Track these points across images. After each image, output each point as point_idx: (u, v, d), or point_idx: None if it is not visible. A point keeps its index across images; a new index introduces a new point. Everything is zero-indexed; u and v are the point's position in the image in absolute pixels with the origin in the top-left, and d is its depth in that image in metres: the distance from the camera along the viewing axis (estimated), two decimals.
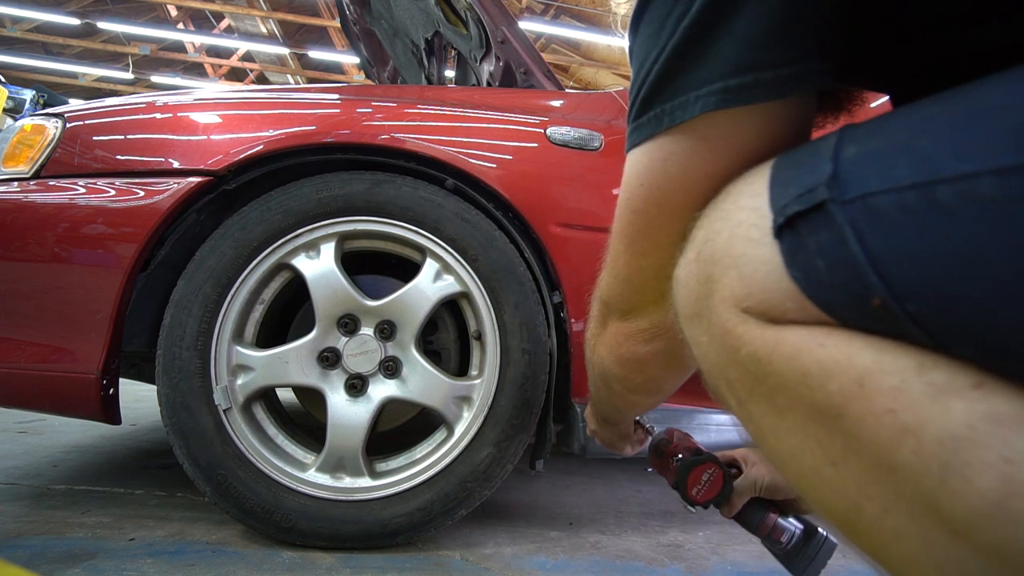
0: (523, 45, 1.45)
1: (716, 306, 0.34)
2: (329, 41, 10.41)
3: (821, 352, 0.30)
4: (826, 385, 0.29)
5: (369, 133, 1.07)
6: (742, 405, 0.35)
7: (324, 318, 1.04)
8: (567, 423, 1.11)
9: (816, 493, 0.32)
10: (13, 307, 0.99)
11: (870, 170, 0.28)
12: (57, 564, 0.90)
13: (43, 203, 1.01)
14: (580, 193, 1.11)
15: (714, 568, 1.06)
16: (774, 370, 0.31)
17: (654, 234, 0.43)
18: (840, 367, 0.29)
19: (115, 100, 1.15)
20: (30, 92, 6.93)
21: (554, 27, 9.16)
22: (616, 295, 0.50)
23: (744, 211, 0.34)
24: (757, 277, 0.32)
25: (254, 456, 1.01)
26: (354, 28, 2.24)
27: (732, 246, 0.33)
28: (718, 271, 0.34)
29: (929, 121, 0.27)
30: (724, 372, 0.35)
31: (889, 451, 0.27)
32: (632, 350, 0.51)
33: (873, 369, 0.28)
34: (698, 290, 0.36)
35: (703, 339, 0.36)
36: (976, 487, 0.24)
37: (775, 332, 0.31)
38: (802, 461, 0.31)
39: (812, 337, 0.30)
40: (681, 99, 0.37)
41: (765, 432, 0.33)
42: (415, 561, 1.00)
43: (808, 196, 0.30)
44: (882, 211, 0.27)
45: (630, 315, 0.50)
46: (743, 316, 0.32)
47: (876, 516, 0.28)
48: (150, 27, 9.84)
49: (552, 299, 1.10)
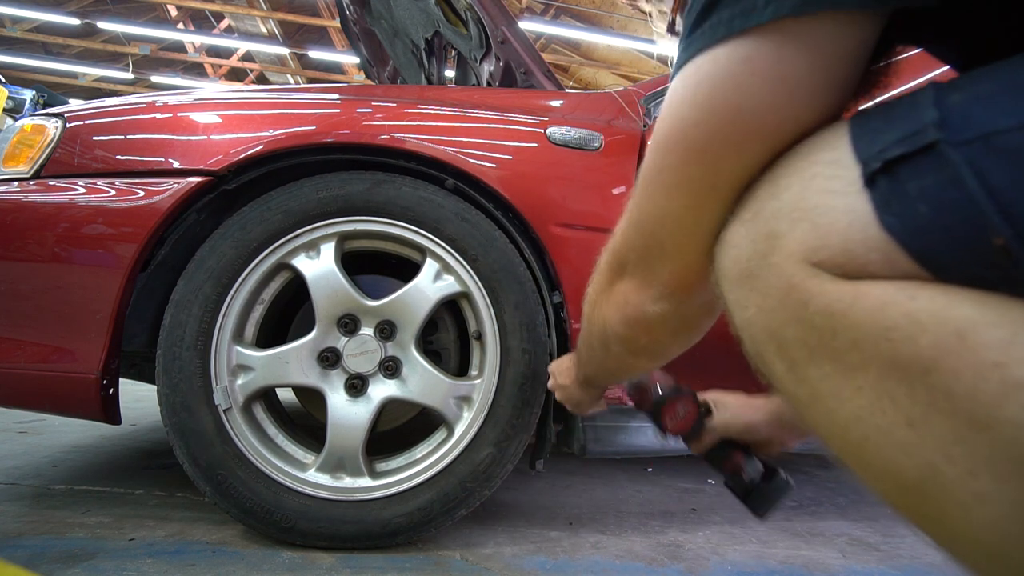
0: (523, 45, 1.45)
1: (780, 263, 0.32)
2: (329, 41, 10.41)
3: (912, 304, 0.28)
4: (917, 338, 0.27)
5: (369, 133, 1.07)
6: (795, 368, 0.33)
7: (324, 318, 1.04)
8: (567, 423, 1.11)
9: (878, 457, 0.30)
10: (13, 307, 0.99)
11: (991, 110, 0.27)
12: (57, 564, 0.90)
13: (43, 203, 1.01)
14: (580, 193, 1.11)
15: (714, 568, 1.06)
16: (851, 324, 0.30)
17: (690, 167, 0.38)
18: (936, 319, 0.27)
19: (115, 100, 1.15)
20: (30, 92, 6.93)
21: (554, 27, 9.16)
22: (631, 246, 0.46)
23: (820, 164, 0.32)
24: (838, 227, 0.30)
25: (254, 456, 1.01)
26: (354, 28, 2.24)
27: (804, 199, 0.32)
28: (785, 226, 0.32)
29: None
30: (780, 332, 0.33)
31: (991, 407, 0.25)
32: (641, 310, 0.48)
33: (977, 320, 0.26)
34: (754, 248, 0.34)
35: (755, 299, 0.34)
36: None
37: (854, 287, 0.30)
38: (869, 423, 0.30)
39: (900, 290, 0.29)
40: (748, 3, 0.33)
41: (823, 395, 0.32)
42: (415, 561, 1.00)
43: (914, 139, 0.28)
44: (1009, 149, 0.26)
45: (643, 270, 0.46)
46: (813, 270, 0.31)
47: (956, 479, 0.27)
48: (150, 27, 9.83)
49: (552, 299, 1.10)
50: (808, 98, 0.34)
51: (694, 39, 0.36)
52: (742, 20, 0.33)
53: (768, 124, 0.35)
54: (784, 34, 0.32)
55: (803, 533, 1.29)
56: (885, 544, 1.26)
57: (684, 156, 0.38)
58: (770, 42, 0.33)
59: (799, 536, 1.28)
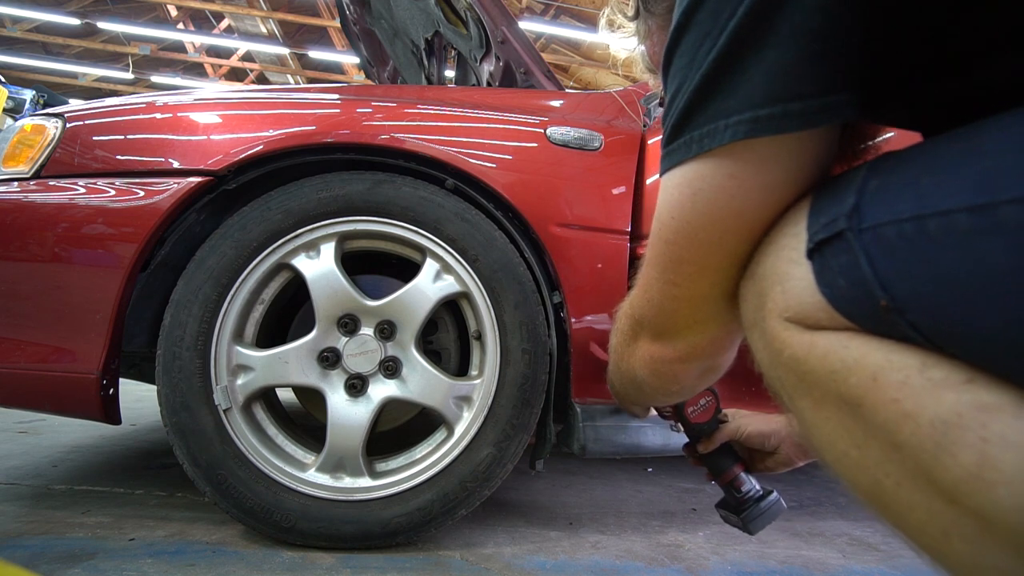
0: (523, 45, 1.45)
1: (767, 316, 0.40)
2: (329, 41, 10.41)
3: (844, 352, 0.35)
4: (848, 379, 0.35)
5: (369, 133, 1.07)
6: (791, 400, 0.40)
7: (324, 318, 1.04)
8: (567, 423, 1.11)
9: (847, 473, 0.37)
10: (13, 307, 0.99)
11: (882, 203, 0.33)
12: (57, 564, 0.90)
13: (43, 203, 1.01)
14: (580, 193, 1.11)
15: (714, 568, 1.06)
16: (809, 368, 0.37)
17: (684, 266, 0.45)
18: (859, 364, 0.34)
19: (115, 100, 1.15)
20: (30, 92, 6.92)
21: (554, 27, 9.16)
22: (649, 318, 0.52)
23: (787, 236, 0.39)
24: (796, 292, 0.37)
25: (254, 456, 1.01)
26: (354, 28, 2.24)
27: (777, 266, 0.39)
28: (767, 287, 0.40)
29: (934, 159, 0.32)
30: (775, 372, 0.41)
31: (894, 432, 0.32)
32: (669, 368, 0.54)
33: (884, 366, 0.33)
34: (754, 303, 0.41)
35: (760, 344, 0.42)
36: (959, 461, 0.29)
37: (810, 336, 0.37)
38: (836, 446, 0.37)
39: (838, 340, 0.36)
40: (711, 127, 0.39)
41: (808, 423, 0.39)
42: (415, 561, 1.00)
43: (831, 225, 0.35)
44: (887, 238, 0.32)
45: (664, 338, 0.52)
46: (786, 324, 0.38)
47: (892, 490, 0.33)
48: (150, 27, 9.83)
49: (552, 299, 1.10)
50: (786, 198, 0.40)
51: (673, 151, 0.42)
52: (710, 140, 0.39)
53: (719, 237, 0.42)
54: (745, 154, 0.39)
55: (803, 533, 1.29)
56: (885, 544, 1.26)
57: (666, 252, 0.46)
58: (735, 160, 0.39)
59: (799, 536, 1.28)
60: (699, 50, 0.38)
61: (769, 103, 0.36)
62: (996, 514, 0.28)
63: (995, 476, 0.28)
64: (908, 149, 0.35)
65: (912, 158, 0.34)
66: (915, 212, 0.31)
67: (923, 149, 0.34)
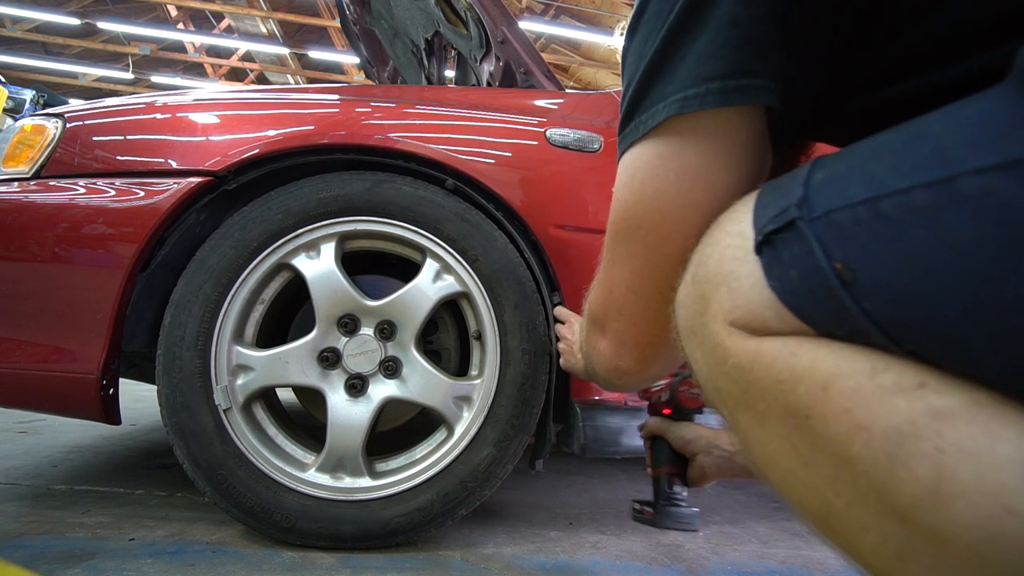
0: (523, 45, 1.45)
1: (709, 322, 0.37)
2: (329, 41, 10.41)
3: (792, 360, 0.33)
4: (796, 389, 0.32)
5: (368, 134, 1.07)
6: (732, 415, 0.38)
7: (324, 318, 1.04)
8: (567, 423, 1.11)
9: (794, 493, 0.34)
10: (13, 307, 0.99)
11: (831, 191, 0.32)
12: (57, 564, 0.90)
13: (43, 203, 1.01)
14: (580, 195, 1.11)
15: (714, 568, 1.06)
16: (754, 378, 0.35)
17: (630, 243, 0.46)
18: (807, 372, 0.32)
19: (115, 100, 1.15)
20: (30, 92, 6.92)
21: (554, 27, 9.16)
22: (600, 305, 0.52)
23: (730, 235, 0.38)
24: (742, 291, 0.35)
25: (254, 456, 1.01)
26: (354, 28, 2.24)
27: (721, 266, 0.37)
28: (710, 289, 0.37)
29: (880, 148, 0.32)
30: (715, 383, 0.38)
31: (846, 446, 0.30)
32: (616, 365, 0.53)
33: (834, 373, 0.31)
34: (694, 308, 0.39)
35: (698, 354, 0.39)
36: (916, 475, 0.27)
37: (756, 343, 0.35)
38: (781, 464, 0.34)
39: (785, 346, 0.34)
40: (653, 109, 0.41)
41: (750, 439, 0.37)
42: (415, 561, 1.00)
43: (782, 216, 0.34)
44: (840, 224, 0.31)
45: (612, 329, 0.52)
46: (730, 329, 0.36)
47: (843, 511, 0.31)
48: (150, 27, 9.83)
49: (552, 299, 1.10)
50: (710, 182, 0.41)
51: (625, 135, 0.44)
52: (652, 119, 0.41)
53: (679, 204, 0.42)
54: (682, 131, 0.41)
55: (803, 533, 1.29)
56: None
57: (625, 233, 0.46)
58: (673, 138, 0.41)
59: (799, 536, 1.28)
60: (646, 44, 0.42)
61: (696, 83, 0.39)
62: (953, 532, 0.26)
63: (953, 489, 0.26)
64: (850, 146, 0.34)
65: (855, 151, 0.33)
66: (869, 195, 0.30)
67: (865, 144, 0.33)
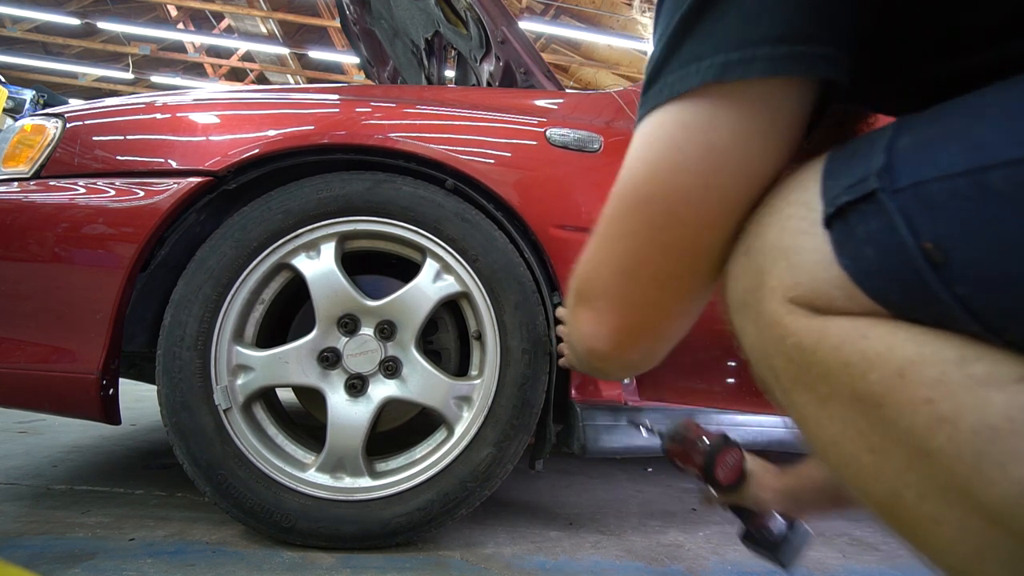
0: (523, 45, 1.45)
1: (765, 297, 0.34)
2: (329, 41, 10.41)
3: (864, 343, 0.30)
4: (867, 375, 0.30)
5: (368, 134, 1.07)
6: (786, 393, 0.35)
7: (324, 318, 1.04)
8: (567, 423, 1.11)
9: (856, 480, 0.32)
10: (13, 307, 0.99)
11: (921, 159, 0.28)
12: (57, 564, 0.90)
13: (43, 203, 1.01)
14: (579, 195, 1.11)
15: (714, 568, 1.06)
16: (818, 359, 0.32)
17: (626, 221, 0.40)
18: (882, 358, 0.30)
19: (115, 100, 1.15)
20: (30, 92, 6.92)
21: (554, 27, 9.15)
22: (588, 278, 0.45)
23: (793, 205, 0.34)
24: (806, 267, 0.32)
25: (254, 456, 1.01)
26: (354, 28, 2.24)
27: (782, 238, 0.34)
28: (768, 262, 0.34)
29: (985, 109, 0.28)
30: (770, 361, 0.36)
31: (925, 439, 0.28)
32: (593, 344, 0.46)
33: (915, 360, 0.29)
34: (747, 282, 0.36)
35: (751, 329, 0.36)
36: (1010, 475, 0.25)
37: (820, 322, 0.32)
38: (842, 448, 0.32)
39: (856, 328, 0.31)
40: (684, 71, 0.36)
41: (808, 420, 0.34)
42: (415, 561, 1.00)
43: (859, 186, 0.30)
44: (932, 197, 0.27)
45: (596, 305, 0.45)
46: (790, 307, 0.33)
47: (914, 502, 0.29)
48: (150, 27, 9.82)
49: (552, 299, 1.10)
50: (740, 167, 0.36)
51: (647, 98, 0.38)
52: (681, 83, 0.35)
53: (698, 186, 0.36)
54: (715, 100, 0.35)
55: None
56: (885, 544, 1.26)
57: (629, 208, 0.40)
58: (703, 107, 0.35)
59: None
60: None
61: (741, 46, 0.33)
62: None
63: None
64: (941, 106, 0.30)
65: (951, 111, 0.29)
66: (972, 164, 0.26)
67: (964, 102, 0.29)
